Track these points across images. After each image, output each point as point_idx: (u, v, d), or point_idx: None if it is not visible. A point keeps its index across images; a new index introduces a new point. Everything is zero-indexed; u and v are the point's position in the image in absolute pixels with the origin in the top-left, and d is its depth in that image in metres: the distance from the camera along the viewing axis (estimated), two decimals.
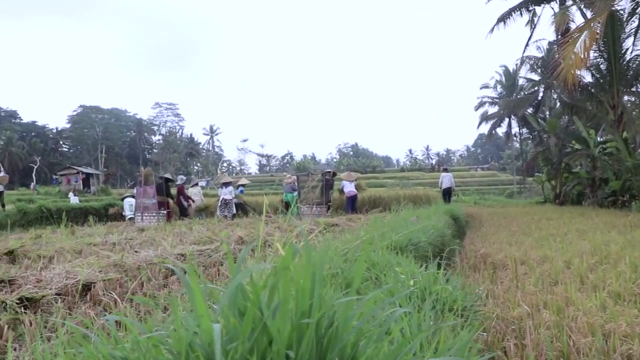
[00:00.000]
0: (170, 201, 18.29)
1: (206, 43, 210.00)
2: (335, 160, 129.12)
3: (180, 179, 20.33)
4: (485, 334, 3.34)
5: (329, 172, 20.02)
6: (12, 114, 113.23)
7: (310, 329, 1.03)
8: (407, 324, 1.98)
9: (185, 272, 1.18)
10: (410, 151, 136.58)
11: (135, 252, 6.46)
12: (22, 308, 3.83)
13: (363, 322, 1.13)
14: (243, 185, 21.73)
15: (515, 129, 50.71)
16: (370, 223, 7.40)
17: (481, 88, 57.45)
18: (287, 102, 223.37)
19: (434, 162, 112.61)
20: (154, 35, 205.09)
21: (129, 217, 17.89)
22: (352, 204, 18.89)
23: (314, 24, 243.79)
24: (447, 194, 22.45)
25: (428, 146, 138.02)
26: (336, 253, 3.70)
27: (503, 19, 24.93)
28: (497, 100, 53.83)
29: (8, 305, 3.81)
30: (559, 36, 22.20)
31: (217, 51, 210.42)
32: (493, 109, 53.19)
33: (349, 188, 19.20)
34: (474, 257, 7.09)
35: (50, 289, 4.26)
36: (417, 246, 5.22)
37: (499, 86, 55.78)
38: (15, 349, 3.21)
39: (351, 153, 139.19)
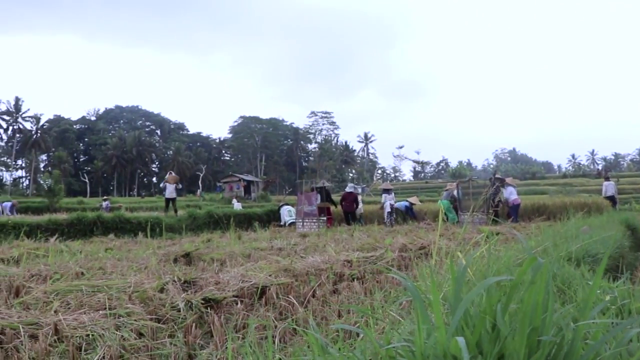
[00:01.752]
0: (332, 207, 18.91)
1: (359, 51, 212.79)
2: (491, 166, 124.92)
3: (354, 187, 20.73)
4: None
5: (499, 178, 19.33)
6: (180, 126, 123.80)
7: (545, 347, 0.99)
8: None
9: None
10: (572, 156, 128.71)
11: (302, 257, 6.66)
12: (206, 308, 4.10)
13: (601, 344, 1.05)
14: (412, 204, 21.24)
15: None
16: (539, 232, 7.03)
17: None
18: (440, 107, 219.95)
19: (599, 167, 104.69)
20: (309, 47, 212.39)
21: (290, 222, 18.68)
22: (516, 212, 18.20)
23: (468, 26, 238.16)
24: (611, 202, 21.55)
25: (593, 150, 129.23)
26: (510, 263, 3.55)
27: None
28: None
29: (194, 305, 4.09)
30: None
31: (370, 59, 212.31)
32: None
33: (515, 195, 18.51)
34: None
35: (229, 291, 4.51)
36: (595, 258, 4.87)
37: None
38: (202, 347, 3.44)
39: (509, 159, 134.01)
